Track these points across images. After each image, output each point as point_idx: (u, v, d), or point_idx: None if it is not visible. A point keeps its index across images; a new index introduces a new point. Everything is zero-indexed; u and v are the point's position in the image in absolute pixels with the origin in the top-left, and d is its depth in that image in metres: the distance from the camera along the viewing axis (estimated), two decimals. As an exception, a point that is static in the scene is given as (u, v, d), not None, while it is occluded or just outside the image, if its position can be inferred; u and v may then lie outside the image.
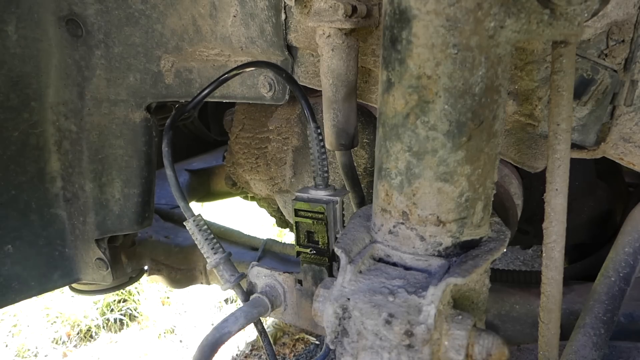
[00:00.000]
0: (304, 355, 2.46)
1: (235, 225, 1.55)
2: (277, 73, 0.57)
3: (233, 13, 0.80)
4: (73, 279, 1.19)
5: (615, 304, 0.65)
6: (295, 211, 0.59)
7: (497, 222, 0.53)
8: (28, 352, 2.50)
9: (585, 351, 0.64)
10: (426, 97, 0.42)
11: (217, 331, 0.67)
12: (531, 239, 1.32)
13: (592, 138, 0.64)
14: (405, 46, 0.42)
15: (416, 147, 0.44)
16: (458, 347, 0.42)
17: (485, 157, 0.45)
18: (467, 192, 0.45)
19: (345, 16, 0.62)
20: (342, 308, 0.45)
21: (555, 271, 0.54)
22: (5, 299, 1.07)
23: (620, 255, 0.66)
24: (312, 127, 0.54)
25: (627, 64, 0.60)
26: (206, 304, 2.88)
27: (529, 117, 0.66)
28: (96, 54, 0.97)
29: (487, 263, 0.47)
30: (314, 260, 0.62)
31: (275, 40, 0.77)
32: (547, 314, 0.55)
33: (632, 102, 0.61)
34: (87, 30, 0.96)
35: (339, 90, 0.67)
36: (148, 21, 0.90)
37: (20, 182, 1.02)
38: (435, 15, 0.40)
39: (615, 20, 0.58)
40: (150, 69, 0.94)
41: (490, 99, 0.43)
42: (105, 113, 1.02)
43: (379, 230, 0.50)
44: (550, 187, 0.52)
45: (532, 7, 0.42)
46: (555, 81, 0.49)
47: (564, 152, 0.50)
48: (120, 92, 0.99)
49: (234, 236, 1.47)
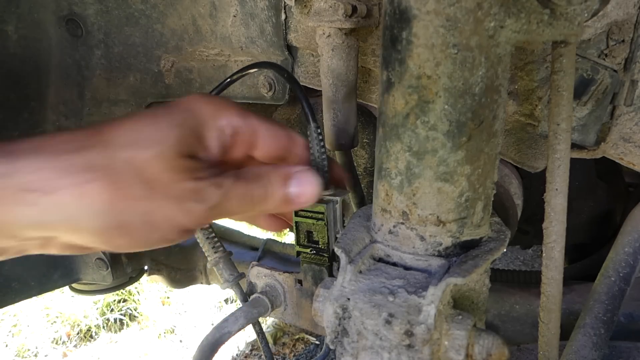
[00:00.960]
0: (304, 355, 2.46)
1: (235, 225, 1.55)
2: (279, 73, 0.57)
3: (233, 13, 0.80)
4: (73, 279, 1.19)
5: (615, 304, 0.65)
6: (295, 211, 0.60)
7: (497, 222, 0.53)
8: (28, 352, 2.51)
9: (585, 351, 0.64)
10: (426, 97, 0.42)
11: (217, 331, 0.67)
12: (531, 239, 1.32)
13: (592, 138, 0.64)
14: (405, 46, 0.42)
15: (416, 147, 0.44)
16: (458, 347, 0.42)
17: (485, 157, 0.45)
18: (467, 192, 0.45)
19: (345, 16, 0.62)
20: (342, 308, 0.45)
21: (555, 271, 0.54)
22: (5, 299, 1.07)
23: (620, 255, 0.66)
24: (312, 127, 0.54)
25: (627, 64, 0.60)
26: (206, 304, 2.88)
27: (529, 117, 0.66)
28: (96, 53, 0.97)
29: (487, 263, 0.47)
30: (314, 260, 0.62)
31: (275, 40, 0.77)
32: (547, 314, 0.55)
33: (632, 102, 0.61)
34: (87, 30, 0.96)
35: (339, 90, 0.67)
36: (148, 21, 0.90)
37: (20, 182, 1.02)
38: (435, 15, 0.40)
39: (615, 20, 0.58)
40: (150, 69, 0.94)
41: (490, 99, 0.43)
42: (105, 113, 1.02)
43: (379, 230, 0.50)
44: (550, 187, 0.52)
45: (532, 7, 0.42)
46: (555, 81, 0.49)
47: (564, 152, 0.50)
48: (120, 92, 0.99)
49: (234, 236, 1.47)
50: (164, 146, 0.44)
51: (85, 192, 0.41)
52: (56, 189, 0.41)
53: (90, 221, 0.42)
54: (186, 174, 0.45)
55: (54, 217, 0.41)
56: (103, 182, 0.42)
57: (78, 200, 0.41)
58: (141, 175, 0.43)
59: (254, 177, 0.50)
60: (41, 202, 0.40)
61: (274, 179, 0.51)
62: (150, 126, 0.45)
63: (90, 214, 0.42)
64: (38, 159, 0.41)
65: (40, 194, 0.40)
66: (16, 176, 0.40)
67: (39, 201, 0.40)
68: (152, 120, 0.45)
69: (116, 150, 0.43)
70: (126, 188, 0.43)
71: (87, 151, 0.42)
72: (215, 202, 0.47)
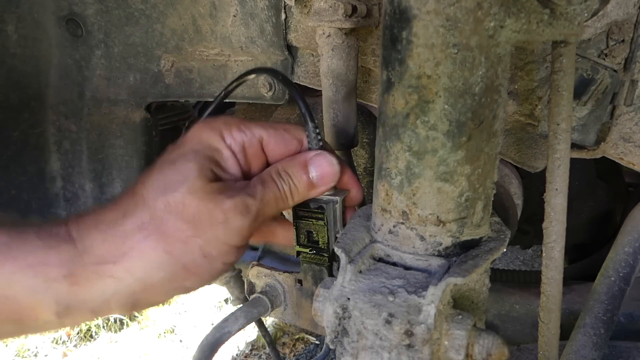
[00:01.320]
0: (304, 355, 2.46)
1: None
2: (274, 77, 0.57)
3: (233, 13, 0.80)
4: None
5: (615, 304, 0.65)
6: (295, 211, 0.59)
7: (497, 222, 0.53)
8: (28, 352, 2.50)
9: (585, 351, 0.64)
10: (426, 97, 0.42)
11: (217, 331, 0.67)
12: (531, 239, 1.32)
13: (592, 138, 0.64)
14: (405, 46, 0.42)
15: (416, 147, 0.44)
16: (458, 347, 0.42)
17: (485, 157, 0.45)
18: (467, 192, 0.45)
19: (345, 16, 0.62)
20: (342, 308, 0.45)
21: (555, 271, 0.54)
22: (5, 298, 1.07)
23: (620, 255, 0.66)
24: (311, 127, 0.54)
25: (627, 63, 0.60)
26: (206, 303, 2.88)
27: (529, 117, 0.66)
28: (96, 53, 0.97)
29: (487, 263, 0.47)
30: (314, 260, 0.62)
31: (275, 40, 0.77)
32: (547, 314, 0.55)
33: (632, 102, 0.61)
34: (87, 30, 0.96)
35: (339, 90, 0.67)
36: (148, 21, 0.90)
37: (20, 182, 1.02)
38: (435, 15, 0.40)
39: (615, 20, 0.58)
40: (150, 69, 0.94)
41: (490, 99, 0.43)
42: (105, 113, 1.02)
43: (379, 230, 0.50)
44: (550, 187, 0.52)
45: (532, 7, 0.42)
46: (555, 81, 0.49)
47: (564, 152, 0.50)
48: (120, 92, 0.99)
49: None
50: (189, 181, 0.47)
51: (144, 251, 0.45)
52: (121, 256, 0.45)
53: (157, 274, 0.46)
54: (220, 196, 0.47)
55: (128, 283, 0.46)
56: (155, 235, 0.46)
57: (141, 260, 0.45)
58: (182, 215, 0.46)
59: (277, 175, 0.53)
60: (115, 272, 0.45)
61: (295, 171, 0.53)
62: (171, 171, 0.48)
63: (155, 268, 0.46)
64: (100, 233, 0.45)
65: (112, 265, 0.45)
66: (91, 252, 0.45)
67: (113, 271, 0.45)
68: (171, 165, 0.49)
69: (155, 205, 0.46)
70: (174, 233, 0.46)
71: (133, 215, 0.46)
72: (255, 211, 0.49)
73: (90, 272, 0.44)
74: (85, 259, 0.44)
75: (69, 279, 0.43)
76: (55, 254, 0.43)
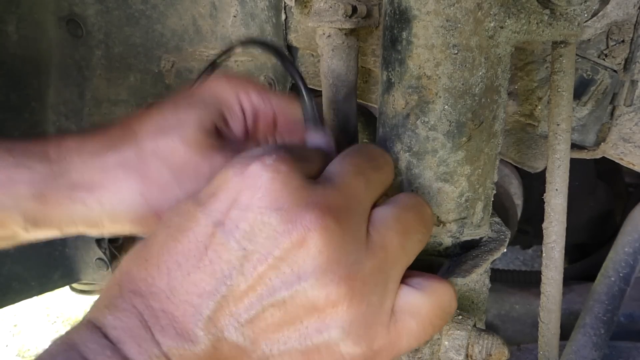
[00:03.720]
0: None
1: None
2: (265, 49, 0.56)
3: (233, 13, 0.80)
4: (73, 279, 1.19)
5: (615, 304, 0.65)
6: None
7: (497, 222, 0.53)
8: (29, 352, 2.50)
9: (585, 351, 0.64)
10: (426, 97, 0.42)
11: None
12: (531, 239, 1.32)
13: (592, 138, 0.64)
14: (405, 47, 0.42)
15: (416, 147, 0.44)
16: (458, 347, 0.42)
17: (485, 157, 0.45)
18: (467, 192, 0.45)
19: (346, 16, 0.62)
20: (342, 308, 0.45)
21: (555, 271, 0.54)
22: (5, 299, 1.07)
23: (620, 255, 0.66)
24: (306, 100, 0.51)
25: (627, 64, 0.60)
26: (206, 304, 2.88)
27: (529, 117, 0.66)
28: (96, 54, 0.97)
29: (487, 263, 0.47)
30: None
31: (275, 41, 0.77)
32: (547, 314, 0.55)
33: (632, 102, 0.61)
34: (88, 30, 0.96)
35: (339, 91, 0.67)
36: (148, 21, 0.90)
37: (20, 182, 1.02)
38: (435, 16, 0.40)
39: (615, 20, 0.58)
40: (151, 69, 0.94)
41: (490, 99, 0.43)
42: (105, 113, 1.02)
43: (379, 231, 0.50)
44: (550, 187, 0.52)
45: (532, 7, 0.42)
46: (555, 81, 0.49)
47: (564, 152, 0.50)
48: (121, 92, 0.99)
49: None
50: (184, 130, 0.46)
51: (120, 188, 0.45)
52: (97, 187, 0.45)
53: (127, 214, 0.46)
54: (212, 152, 0.46)
55: (98, 212, 0.46)
56: (135, 175, 0.45)
57: (115, 196, 0.45)
58: (167, 163, 0.45)
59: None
60: (86, 200, 0.45)
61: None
62: (171, 114, 0.47)
63: (126, 208, 0.46)
64: (81, 160, 0.45)
65: (85, 192, 0.45)
66: (66, 176, 0.45)
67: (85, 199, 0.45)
68: (173, 108, 0.48)
69: (144, 144, 0.46)
70: (156, 178, 0.46)
71: (119, 149, 0.46)
72: None
73: (62, 196, 0.44)
74: (60, 182, 0.44)
75: (38, 199, 0.44)
76: (27, 173, 0.43)
